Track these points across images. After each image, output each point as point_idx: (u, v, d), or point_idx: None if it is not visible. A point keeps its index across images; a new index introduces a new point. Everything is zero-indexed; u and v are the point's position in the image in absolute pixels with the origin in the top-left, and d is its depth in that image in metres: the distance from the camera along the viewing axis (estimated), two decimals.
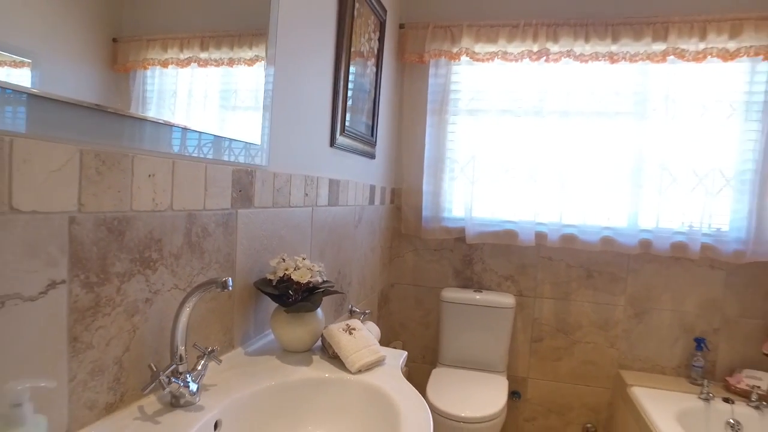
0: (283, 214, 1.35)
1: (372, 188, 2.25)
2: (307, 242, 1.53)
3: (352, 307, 1.97)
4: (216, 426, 0.86)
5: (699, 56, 2.19)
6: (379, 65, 2.18)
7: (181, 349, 0.87)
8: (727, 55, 2.16)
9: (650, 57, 2.25)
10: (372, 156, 2.18)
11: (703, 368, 2.27)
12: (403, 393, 1.00)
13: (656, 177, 2.29)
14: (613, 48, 2.29)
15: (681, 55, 2.21)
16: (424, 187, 2.58)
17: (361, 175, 2.09)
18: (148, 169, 0.84)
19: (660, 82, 2.28)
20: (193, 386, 0.87)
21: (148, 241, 0.86)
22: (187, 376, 0.87)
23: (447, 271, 2.66)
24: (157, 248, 0.88)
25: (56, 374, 0.70)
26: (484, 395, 2.11)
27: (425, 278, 2.68)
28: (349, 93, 1.83)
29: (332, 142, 1.71)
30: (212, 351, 0.92)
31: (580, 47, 2.32)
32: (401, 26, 2.53)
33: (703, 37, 2.19)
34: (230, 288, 0.85)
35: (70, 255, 0.70)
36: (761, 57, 2.12)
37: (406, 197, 2.67)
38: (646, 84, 2.30)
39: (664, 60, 2.24)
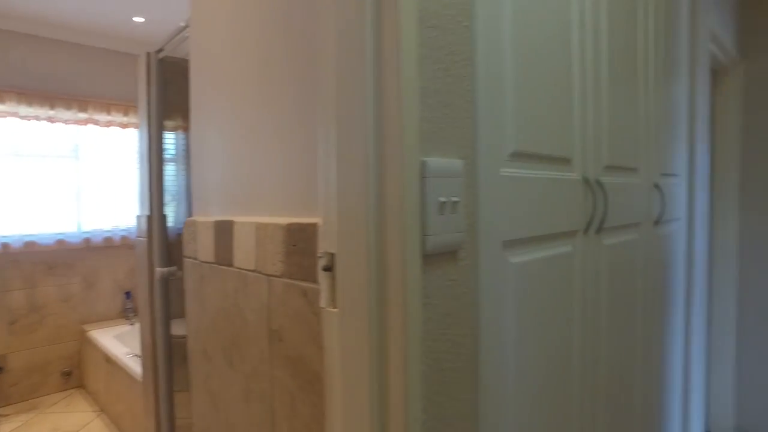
0: None
1: None
2: None
3: None
4: None
5: (108, 124, 3.65)
6: None
7: None
8: (123, 126, 3.72)
9: (78, 122, 3.53)
10: None
11: (132, 308, 3.84)
12: None
13: (95, 197, 3.63)
14: (51, 113, 3.42)
15: (96, 122, 3.61)
16: None
17: None
18: None
19: (88, 137, 3.60)
20: None
21: None
22: None
23: None
24: None
25: None
26: None
27: None
28: None
29: None
30: None
31: (25, 110, 3.31)
32: None
33: (109, 113, 3.65)
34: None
35: None
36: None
37: None
38: (79, 138, 3.56)
39: (87, 124, 3.57)
